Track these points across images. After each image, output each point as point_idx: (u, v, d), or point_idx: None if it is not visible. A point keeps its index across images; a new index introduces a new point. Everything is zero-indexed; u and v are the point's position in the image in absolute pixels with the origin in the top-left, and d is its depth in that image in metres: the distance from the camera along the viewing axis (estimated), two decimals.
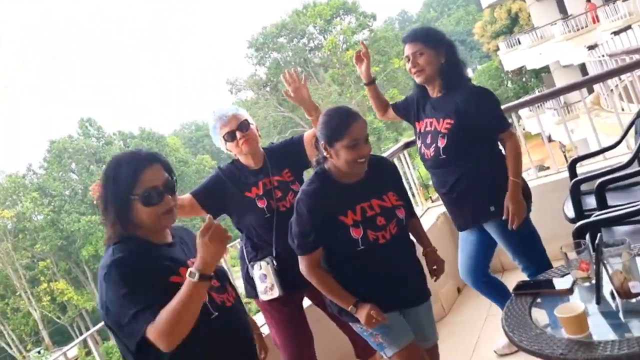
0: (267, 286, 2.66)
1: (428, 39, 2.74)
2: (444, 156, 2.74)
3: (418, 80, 2.79)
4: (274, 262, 2.63)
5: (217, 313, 1.78)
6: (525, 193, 2.82)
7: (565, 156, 21.96)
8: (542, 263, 2.76)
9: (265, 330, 3.05)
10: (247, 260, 2.74)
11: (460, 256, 3.07)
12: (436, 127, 2.78)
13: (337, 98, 37.73)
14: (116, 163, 1.77)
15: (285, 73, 2.74)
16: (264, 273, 2.65)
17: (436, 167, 2.84)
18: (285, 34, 40.38)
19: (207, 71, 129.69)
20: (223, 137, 2.69)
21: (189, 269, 1.59)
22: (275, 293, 2.63)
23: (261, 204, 2.64)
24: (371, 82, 3.09)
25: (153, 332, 1.56)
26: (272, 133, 37.83)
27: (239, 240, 2.94)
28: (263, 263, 2.64)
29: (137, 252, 1.72)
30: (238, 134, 2.66)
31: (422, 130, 2.89)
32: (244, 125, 2.68)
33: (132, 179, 1.71)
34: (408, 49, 2.76)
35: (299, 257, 2.26)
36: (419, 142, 2.93)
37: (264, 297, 2.68)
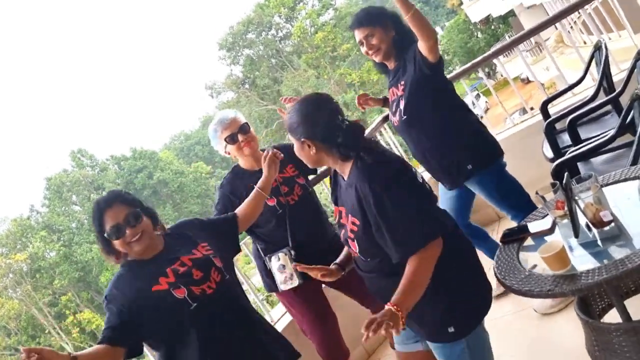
0: (287, 276, 2.74)
1: (372, 19, 2.75)
2: (404, 117, 2.78)
3: (377, 59, 2.82)
4: (292, 252, 2.72)
5: (195, 304, 2.05)
6: (493, 151, 2.88)
7: (546, 94, 22.19)
8: (528, 208, 2.68)
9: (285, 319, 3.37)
10: (263, 255, 2.85)
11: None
12: (397, 94, 2.82)
13: (315, 82, 37.93)
14: (92, 210, 2.16)
15: (284, 100, 2.68)
16: (282, 264, 2.74)
17: (403, 132, 2.87)
18: (252, 29, 40.43)
19: (186, 80, 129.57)
20: (225, 139, 2.77)
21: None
22: (295, 282, 2.74)
23: (271, 203, 2.72)
24: (385, 104, 3.10)
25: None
26: (259, 128, 38.08)
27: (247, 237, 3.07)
28: (281, 254, 2.73)
29: (122, 277, 2.12)
30: (240, 137, 2.76)
31: (390, 102, 2.94)
32: (244, 128, 2.79)
33: (99, 222, 2.09)
34: (358, 35, 2.78)
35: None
36: (390, 116, 2.97)
37: (283, 287, 2.77)
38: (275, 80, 39.97)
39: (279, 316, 3.58)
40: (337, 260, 2.17)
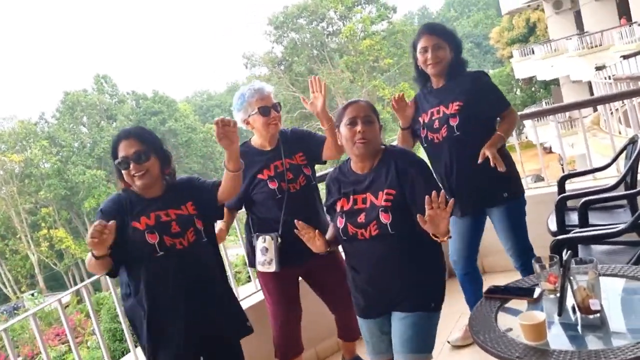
0: (266, 260, 2.73)
1: (446, 33, 2.84)
2: (458, 133, 2.77)
3: (434, 70, 2.83)
4: (279, 239, 2.70)
5: (162, 253, 2.20)
6: (522, 184, 2.99)
7: (562, 169, 22.11)
8: (530, 254, 2.84)
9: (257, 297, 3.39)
10: (252, 231, 2.84)
11: (452, 241, 3.07)
12: (444, 112, 2.80)
13: (348, 85, 37.98)
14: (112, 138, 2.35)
15: (314, 78, 2.78)
16: (266, 247, 2.72)
17: (448, 148, 2.82)
18: (305, 16, 40.39)
19: (224, 42, 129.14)
20: (258, 108, 2.72)
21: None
22: (272, 268, 2.73)
23: (272, 185, 2.71)
24: (407, 128, 3.00)
25: None
26: (281, 111, 38.04)
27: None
28: (268, 237, 2.72)
29: (118, 199, 2.30)
30: (273, 112, 2.75)
31: (426, 121, 2.88)
32: (277, 107, 2.78)
33: (114, 149, 2.28)
34: (427, 41, 2.81)
35: None
36: (423, 133, 2.90)
37: (261, 269, 2.78)
38: (310, 71, 39.95)
39: (248, 294, 3.65)
40: (326, 236, 2.32)
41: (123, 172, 2.26)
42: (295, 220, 2.25)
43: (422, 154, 2.84)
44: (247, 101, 2.74)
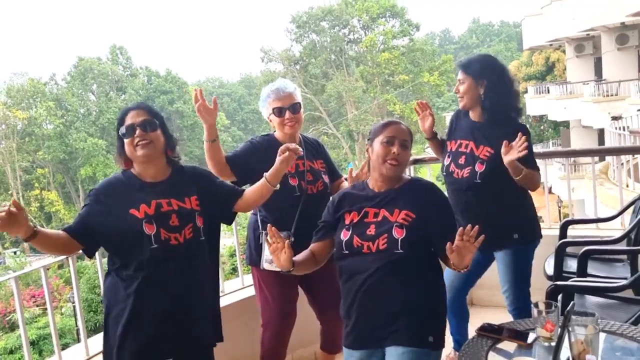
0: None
1: (470, 69, 2.82)
2: (479, 181, 2.77)
3: (460, 104, 2.90)
4: (292, 238, 2.58)
5: (156, 245, 2.09)
6: (538, 231, 2.94)
7: (559, 211, 22.10)
8: (527, 302, 2.81)
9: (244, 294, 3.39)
10: (260, 227, 2.78)
11: (448, 273, 2.97)
12: (474, 151, 2.81)
13: (360, 94, 38.07)
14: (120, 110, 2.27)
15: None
16: None
17: (467, 189, 2.82)
18: (329, 20, 40.53)
19: (243, 33, 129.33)
20: (273, 109, 2.75)
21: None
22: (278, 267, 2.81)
23: (293, 182, 2.70)
24: (433, 137, 3.05)
25: None
26: None
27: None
28: (282, 235, 2.77)
29: (114, 182, 2.21)
30: (287, 113, 2.73)
31: (453, 150, 2.90)
32: (295, 107, 2.76)
33: (121, 120, 2.20)
34: (458, 75, 2.89)
35: None
36: (447, 160, 2.92)
37: (266, 267, 2.71)
38: (325, 75, 40.03)
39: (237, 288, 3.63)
40: (296, 257, 2.16)
41: (126, 141, 2.16)
42: (268, 225, 2.16)
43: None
44: (267, 100, 2.78)
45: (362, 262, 2.09)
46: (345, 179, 2.76)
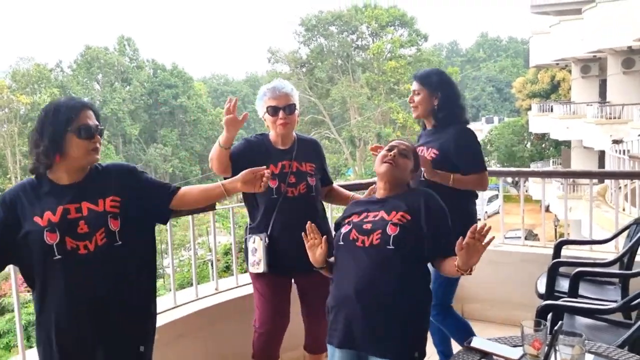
0: (255, 260, 2.72)
1: (425, 80, 2.95)
2: (422, 179, 2.79)
3: (414, 114, 3.04)
4: (267, 239, 2.69)
5: (60, 257, 1.90)
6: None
7: (555, 230, 22.14)
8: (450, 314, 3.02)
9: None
10: (248, 233, 2.82)
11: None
12: (424, 154, 2.88)
13: (365, 101, 38.14)
14: (56, 103, 1.99)
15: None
16: (255, 247, 2.72)
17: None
18: (338, 25, 40.59)
19: (251, 33, 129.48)
20: (267, 107, 2.74)
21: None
22: (261, 269, 2.71)
23: (272, 184, 2.68)
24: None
25: None
26: None
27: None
28: (257, 238, 2.72)
29: (31, 187, 1.98)
30: (281, 113, 2.71)
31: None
32: (290, 108, 2.74)
33: (70, 116, 1.94)
34: (413, 85, 3.01)
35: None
36: None
37: (251, 270, 2.78)
38: (330, 79, 40.09)
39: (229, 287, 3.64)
40: (331, 259, 2.31)
41: (79, 140, 1.95)
42: (308, 222, 2.28)
43: None
44: (262, 98, 2.79)
45: (355, 254, 2.18)
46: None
